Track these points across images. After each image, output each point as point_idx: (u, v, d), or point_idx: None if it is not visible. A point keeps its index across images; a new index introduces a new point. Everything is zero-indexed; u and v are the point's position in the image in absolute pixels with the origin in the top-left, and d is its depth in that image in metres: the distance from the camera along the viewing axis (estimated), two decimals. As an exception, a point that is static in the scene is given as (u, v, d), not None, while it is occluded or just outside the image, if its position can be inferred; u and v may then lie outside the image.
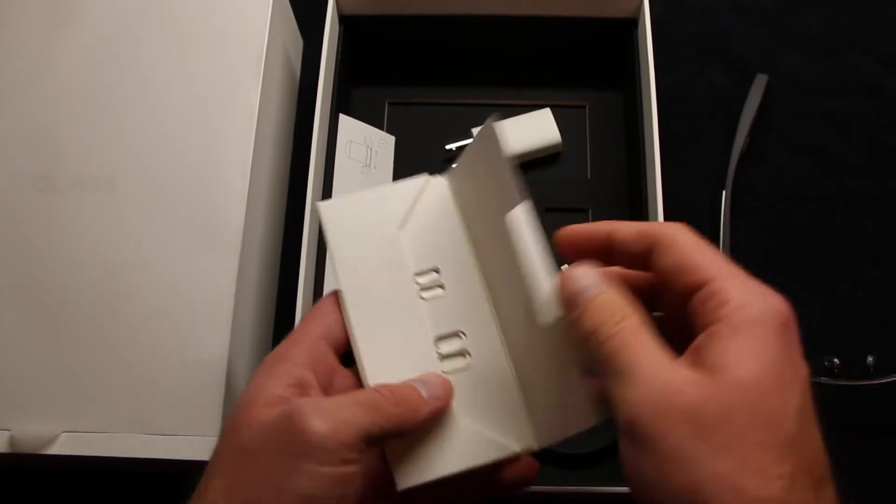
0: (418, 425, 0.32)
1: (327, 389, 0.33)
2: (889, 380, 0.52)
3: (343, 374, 0.35)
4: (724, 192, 0.58)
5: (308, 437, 0.28)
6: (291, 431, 0.28)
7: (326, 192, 0.53)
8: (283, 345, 0.33)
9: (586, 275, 0.29)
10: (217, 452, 0.30)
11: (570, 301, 0.29)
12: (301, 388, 0.31)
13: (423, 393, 0.32)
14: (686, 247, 0.29)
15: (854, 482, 0.29)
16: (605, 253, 0.31)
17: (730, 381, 0.25)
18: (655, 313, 0.32)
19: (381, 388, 0.32)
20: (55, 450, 0.44)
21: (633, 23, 0.58)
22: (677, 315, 0.30)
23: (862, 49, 0.64)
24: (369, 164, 0.56)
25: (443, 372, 0.34)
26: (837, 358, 0.52)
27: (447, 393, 0.33)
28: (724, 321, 0.27)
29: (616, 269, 0.32)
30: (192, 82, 0.51)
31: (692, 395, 0.25)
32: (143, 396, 0.44)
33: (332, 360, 0.34)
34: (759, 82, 0.62)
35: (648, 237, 0.30)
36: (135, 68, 0.52)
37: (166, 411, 0.44)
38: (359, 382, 0.34)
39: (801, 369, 0.27)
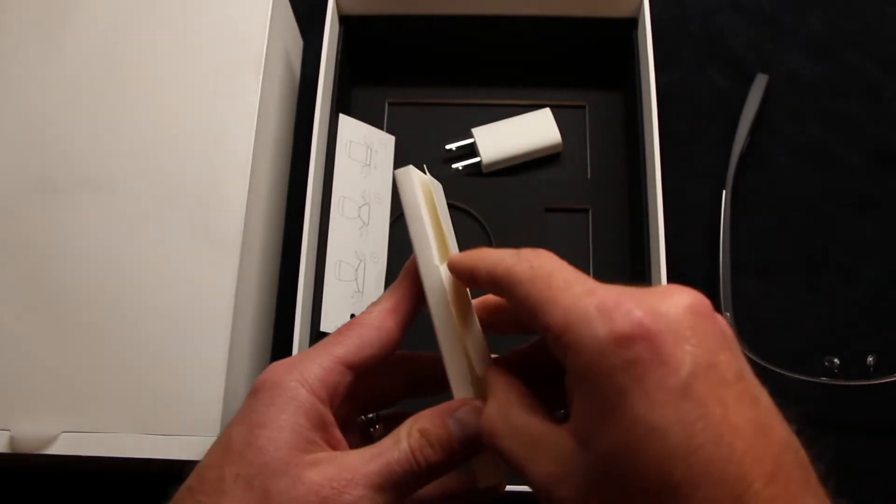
0: None
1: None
2: (889, 380, 0.52)
3: (349, 407, 0.32)
4: (724, 192, 0.58)
5: None
6: None
7: (326, 192, 0.53)
8: (307, 360, 0.30)
9: (465, 409, 0.29)
10: (225, 474, 0.28)
11: (470, 442, 0.29)
12: (322, 429, 0.29)
13: (457, 433, 0.29)
14: (528, 286, 0.26)
15: (854, 482, 0.29)
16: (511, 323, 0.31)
17: (590, 460, 0.23)
18: None
19: (416, 448, 0.29)
20: (55, 450, 0.44)
21: (633, 23, 0.58)
22: None
23: (862, 49, 0.64)
24: (369, 164, 0.56)
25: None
26: (837, 358, 0.52)
27: (478, 434, 0.29)
28: (570, 372, 0.24)
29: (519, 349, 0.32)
30: (192, 82, 0.51)
31: (570, 484, 0.24)
32: (143, 396, 0.44)
33: (343, 389, 0.31)
34: (759, 82, 0.62)
35: (503, 280, 0.27)
36: (135, 68, 0.52)
37: (166, 411, 0.44)
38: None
39: (642, 412, 0.22)
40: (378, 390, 0.33)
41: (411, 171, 0.32)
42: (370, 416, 0.34)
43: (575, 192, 0.58)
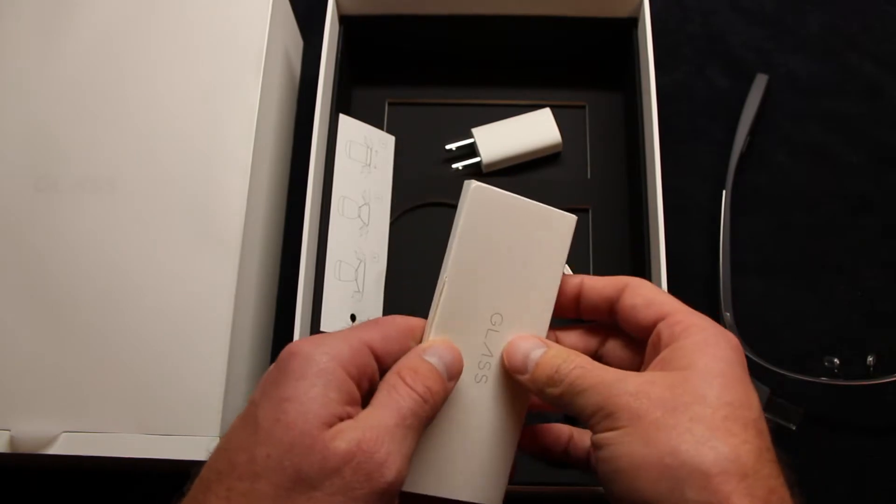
0: None
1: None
2: (889, 380, 0.52)
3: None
4: (724, 192, 0.58)
5: (381, 484, 0.28)
6: (365, 476, 0.28)
7: (326, 193, 0.53)
8: (337, 341, 0.30)
9: (528, 339, 0.34)
10: (255, 453, 0.28)
11: (519, 365, 0.33)
12: (352, 405, 0.30)
13: (442, 370, 0.32)
14: (651, 289, 0.34)
15: (854, 482, 0.29)
16: (574, 302, 0.35)
17: (698, 371, 0.29)
18: None
19: (414, 383, 0.30)
20: (55, 450, 0.44)
21: (633, 23, 0.58)
22: (624, 362, 0.35)
23: (861, 49, 0.64)
24: (369, 164, 0.56)
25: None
26: (837, 358, 0.52)
27: (459, 368, 0.33)
28: (689, 338, 0.31)
29: (558, 330, 0.37)
30: (192, 82, 0.51)
31: (664, 383, 0.29)
32: (143, 396, 0.44)
33: (376, 380, 0.31)
34: (759, 82, 0.62)
35: (620, 282, 0.34)
36: (135, 68, 0.52)
37: (166, 411, 0.44)
38: None
39: (753, 386, 0.30)
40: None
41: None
42: None
43: (575, 192, 0.58)
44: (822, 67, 0.64)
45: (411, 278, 0.54)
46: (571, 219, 0.36)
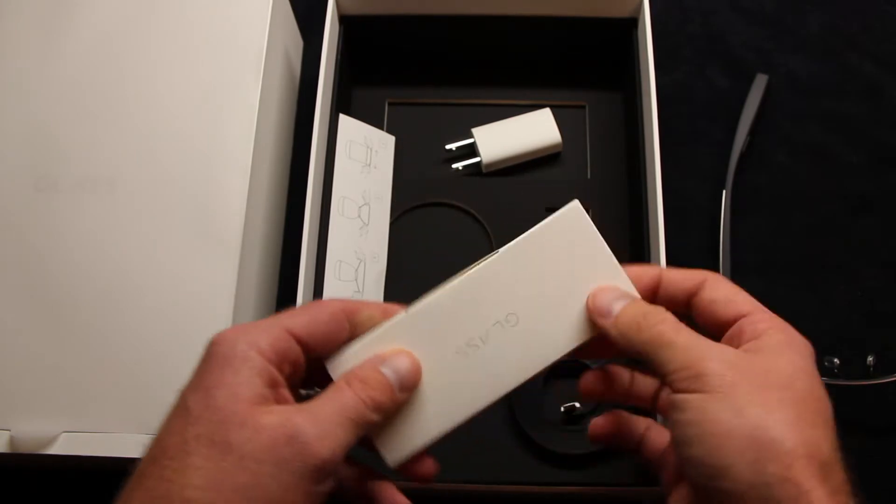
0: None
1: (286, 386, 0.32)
2: (889, 379, 0.52)
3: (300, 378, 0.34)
4: (724, 192, 0.58)
5: (314, 460, 0.29)
6: (296, 452, 0.28)
7: (326, 192, 0.53)
8: (255, 329, 0.31)
9: (616, 290, 0.34)
10: (187, 436, 0.29)
11: (604, 308, 0.33)
12: (274, 387, 0.31)
13: (394, 383, 0.32)
14: (732, 286, 0.34)
15: (854, 482, 0.30)
16: (651, 293, 0.35)
17: (786, 364, 0.30)
18: None
19: (359, 389, 0.31)
20: (55, 450, 0.44)
21: (633, 23, 0.58)
22: None
23: (861, 49, 0.64)
24: (369, 164, 0.57)
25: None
26: (837, 358, 0.52)
27: (416, 380, 0.33)
28: (772, 337, 0.31)
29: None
30: (192, 82, 0.51)
31: (757, 364, 0.30)
32: (143, 396, 0.44)
33: (301, 364, 0.32)
34: (759, 82, 0.62)
35: (699, 276, 0.34)
36: (135, 68, 0.52)
37: (166, 411, 0.44)
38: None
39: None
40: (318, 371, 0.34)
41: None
42: (310, 392, 0.35)
43: (575, 192, 0.58)
44: (822, 67, 0.64)
45: (411, 278, 0.54)
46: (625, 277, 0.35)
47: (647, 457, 0.37)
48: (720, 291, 0.34)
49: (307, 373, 0.33)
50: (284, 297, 0.57)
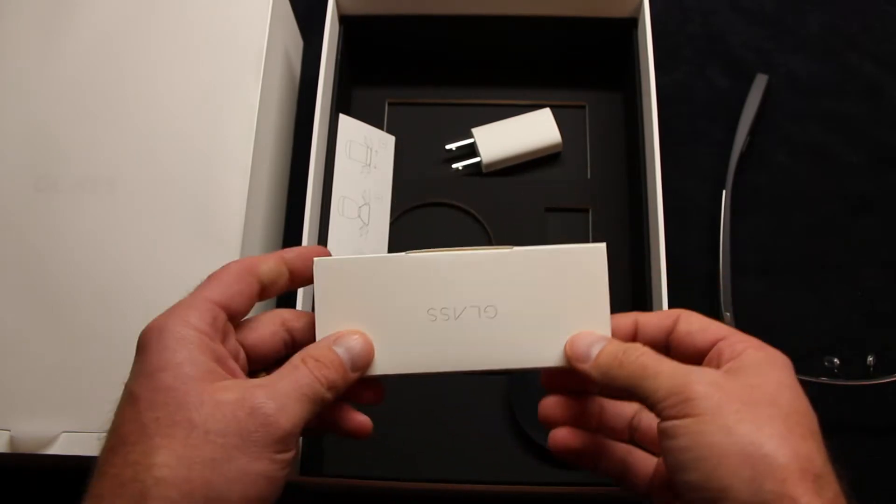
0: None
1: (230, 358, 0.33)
2: (889, 380, 0.52)
3: (233, 342, 0.34)
4: (724, 192, 0.58)
5: (277, 431, 0.30)
6: (259, 424, 0.29)
7: (326, 192, 0.53)
8: (182, 308, 0.32)
9: (592, 334, 0.34)
10: (144, 421, 0.29)
11: (581, 353, 0.34)
12: (220, 361, 0.31)
13: (347, 362, 0.33)
14: (705, 317, 0.35)
15: (854, 482, 0.29)
16: (630, 338, 0.36)
17: (768, 381, 0.30)
18: None
19: (315, 369, 0.32)
20: (55, 450, 0.44)
21: (633, 23, 0.58)
22: None
23: (861, 49, 0.64)
24: (369, 164, 0.57)
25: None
26: (837, 358, 0.52)
27: (367, 361, 0.34)
28: (751, 355, 0.32)
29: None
30: (192, 82, 0.51)
31: (740, 382, 0.30)
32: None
33: (229, 328, 0.33)
34: (759, 82, 0.62)
35: (673, 313, 0.35)
36: (135, 68, 0.52)
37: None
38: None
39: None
40: (262, 350, 0.35)
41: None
42: (259, 372, 0.36)
43: (575, 192, 0.58)
44: (822, 67, 0.64)
45: (411, 278, 0.54)
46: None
47: (635, 482, 0.37)
48: (694, 323, 0.34)
49: (253, 357, 0.34)
50: (284, 297, 0.57)
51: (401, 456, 0.50)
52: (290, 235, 0.58)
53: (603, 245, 0.35)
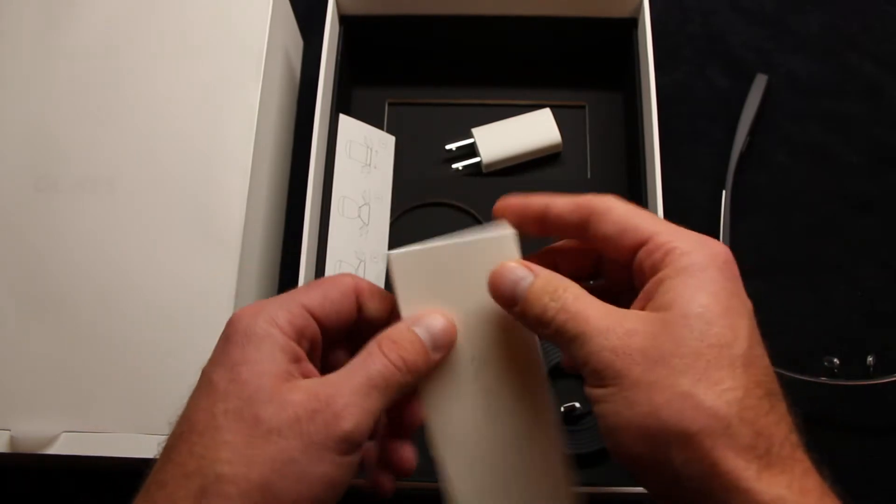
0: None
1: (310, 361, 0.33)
2: (889, 380, 0.52)
3: (318, 355, 0.34)
4: (724, 192, 0.58)
5: (339, 431, 0.29)
6: (322, 423, 0.29)
7: (326, 192, 0.53)
8: (273, 305, 0.32)
9: (515, 268, 0.31)
10: (216, 412, 0.29)
11: (509, 297, 0.31)
12: (297, 362, 0.31)
13: (427, 342, 0.32)
14: (623, 211, 0.31)
15: (854, 482, 0.29)
16: (541, 224, 0.33)
17: (678, 313, 0.28)
18: (592, 282, 0.35)
19: (389, 350, 0.31)
20: (55, 450, 0.44)
21: (633, 23, 0.58)
22: (617, 282, 0.33)
23: (861, 49, 0.64)
24: (369, 164, 0.57)
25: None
26: (837, 358, 0.52)
27: (449, 340, 0.33)
28: (670, 266, 0.29)
29: (556, 245, 0.36)
30: (192, 82, 0.51)
31: (645, 332, 0.28)
32: (143, 396, 0.44)
33: (318, 340, 0.33)
34: (759, 82, 0.62)
35: (584, 208, 0.32)
36: (135, 69, 0.52)
37: (166, 411, 0.44)
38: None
39: (746, 301, 0.30)
40: (330, 313, 0.34)
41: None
42: (335, 348, 0.35)
43: (575, 192, 0.58)
44: (822, 67, 0.64)
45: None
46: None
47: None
48: (610, 223, 0.31)
49: (324, 346, 0.33)
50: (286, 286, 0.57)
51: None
52: (290, 236, 0.58)
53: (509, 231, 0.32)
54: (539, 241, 0.35)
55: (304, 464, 0.28)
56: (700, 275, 0.29)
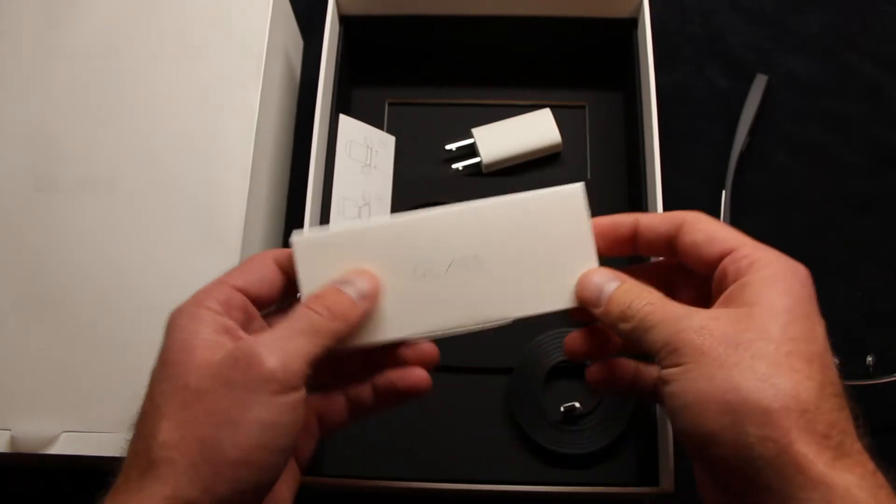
0: (353, 329, 0.33)
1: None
2: (889, 380, 0.52)
3: (260, 322, 0.35)
4: (724, 192, 0.58)
5: (261, 371, 0.30)
6: (243, 369, 0.30)
7: (326, 192, 0.53)
8: (201, 293, 0.34)
9: (603, 273, 0.34)
10: (155, 396, 0.31)
11: (593, 298, 0.34)
12: (228, 333, 0.32)
13: (352, 294, 0.33)
14: (711, 224, 0.34)
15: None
16: (629, 241, 0.36)
17: (764, 307, 0.30)
18: None
19: (313, 304, 0.32)
20: (55, 450, 0.44)
21: (633, 23, 0.58)
22: (692, 296, 0.35)
23: (861, 49, 0.64)
24: (369, 164, 0.57)
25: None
26: (837, 358, 0.52)
27: (375, 288, 0.34)
28: (756, 273, 0.31)
29: (629, 268, 0.37)
30: (192, 82, 0.51)
31: (728, 318, 0.30)
32: (142, 396, 0.44)
33: (251, 309, 0.34)
34: (759, 82, 0.62)
35: (676, 219, 0.34)
36: (135, 68, 0.52)
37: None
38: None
39: (821, 317, 0.32)
40: (258, 290, 0.35)
41: None
42: None
43: (575, 192, 0.58)
44: (822, 67, 0.64)
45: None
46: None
47: (643, 393, 0.37)
48: (700, 231, 0.33)
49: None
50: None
51: (401, 456, 0.50)
52: (290, 236, 0.58)
53: (580, 185, 0.35)
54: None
55: (234, 412, 0.29)
56: (784, 283, 0.31)
